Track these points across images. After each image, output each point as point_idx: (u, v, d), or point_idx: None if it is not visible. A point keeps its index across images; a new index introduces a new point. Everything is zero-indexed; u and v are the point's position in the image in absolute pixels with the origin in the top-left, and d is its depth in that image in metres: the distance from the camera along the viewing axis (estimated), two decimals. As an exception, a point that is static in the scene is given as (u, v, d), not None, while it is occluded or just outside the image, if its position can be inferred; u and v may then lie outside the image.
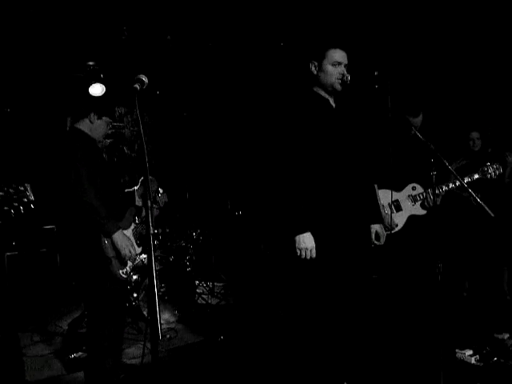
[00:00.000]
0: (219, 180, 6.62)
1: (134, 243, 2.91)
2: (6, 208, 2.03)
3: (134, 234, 3.01)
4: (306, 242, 2.50)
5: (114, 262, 2.72)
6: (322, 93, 2.70)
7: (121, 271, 2.76)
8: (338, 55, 2.61)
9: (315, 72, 2.66)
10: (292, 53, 5.13)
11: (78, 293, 4.84)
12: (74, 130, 2.89)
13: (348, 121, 2.75)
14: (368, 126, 3.60)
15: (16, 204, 2.03)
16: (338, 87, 2.62)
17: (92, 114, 2.87)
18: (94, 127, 2.90)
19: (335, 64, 2.59)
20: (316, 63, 2.65)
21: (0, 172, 5.03)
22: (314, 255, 2.51)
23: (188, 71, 5.90)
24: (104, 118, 2.92)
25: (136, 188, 3.13)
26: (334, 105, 2.72)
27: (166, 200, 3.38)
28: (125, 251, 2.73)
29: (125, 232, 2.82)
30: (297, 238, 2.51)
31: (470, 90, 5.14)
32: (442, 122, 4.94)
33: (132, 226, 3.06)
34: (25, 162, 5.35)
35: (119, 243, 2.72)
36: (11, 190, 2.09)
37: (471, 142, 4.47)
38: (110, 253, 2.70)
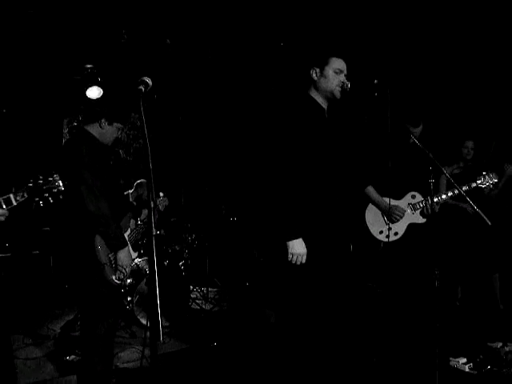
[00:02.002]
0: (214, 185, 6.62)
1: (131, 249, 2.89)
2: (36, 199, 1.94)
3: (130, 240, 2.99)
4: (299, 247, 2.51)
5: (107, 268, 2.68)
6: (320, 99, 2.71)
7: (114, 277, 2.74)
8: (341, 64, 2.65)
9: (315, 78, 2.68)
10: (289, 59, 5.16)
11: (71, 296, 4.80)
12: (82, 132, 2.82)
13: (339, 132, 2.78)
14: (364, 135, 3.63)
15: (46, 194, 1.93)
16: (338, 94, 2.64)
17: (103, 120, 2.80)
18: (104, 132, 2.82)
19: (337, 71, 2.63)
20: (318, 69, 2.68)
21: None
22: (304, 261, 2.53)
23: (185, 76, 5.92)
24: (115, 124, 2.85)
25: (130, 192, 3.12)
26: (326, 115, 2.75)
27: (167, 204, 3.37)
28: (123, 270, 2.72)
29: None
30: (290, 243, 2.52)
31: (472, 100, 5.14)
32: (439, 127, 4.97)
33: (128, 232, 3.05)
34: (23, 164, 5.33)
35: (122, 261, 2.70)
36: (40, 181, 1.98)
37: (465, 151, 4.45)
38: (103, 259, 2.66)
